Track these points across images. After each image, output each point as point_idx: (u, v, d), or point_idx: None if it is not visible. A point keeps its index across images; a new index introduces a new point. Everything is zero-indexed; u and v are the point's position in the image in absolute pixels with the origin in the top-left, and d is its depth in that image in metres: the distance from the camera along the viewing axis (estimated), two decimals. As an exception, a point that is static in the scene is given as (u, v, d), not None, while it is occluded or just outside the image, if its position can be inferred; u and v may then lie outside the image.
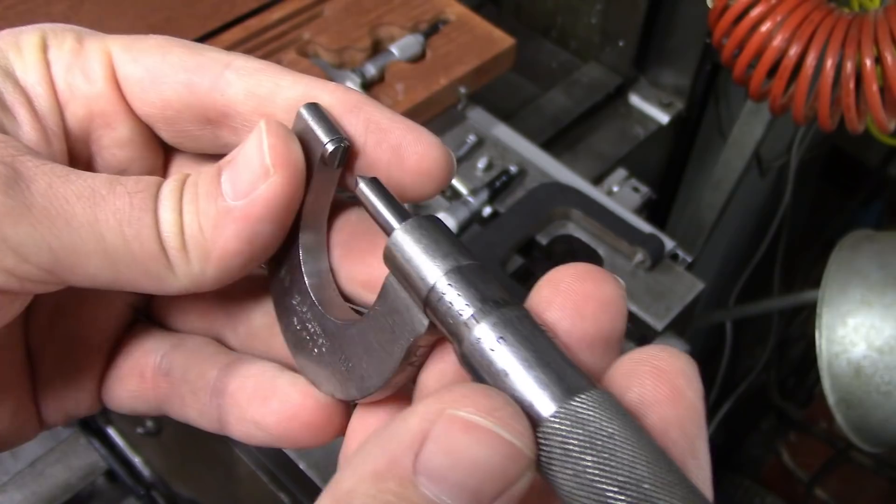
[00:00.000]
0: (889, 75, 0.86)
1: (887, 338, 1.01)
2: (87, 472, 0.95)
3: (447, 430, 0.25)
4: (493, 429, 0.25)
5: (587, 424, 0.25)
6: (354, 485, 0.26)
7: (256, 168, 0.31)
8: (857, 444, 1.11)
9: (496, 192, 0.96)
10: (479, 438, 0.25)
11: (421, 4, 1.09)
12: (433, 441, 0.25)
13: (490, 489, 0.25)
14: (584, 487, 0.25)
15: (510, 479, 0.25)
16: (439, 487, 0.25)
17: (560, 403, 0.26)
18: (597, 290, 0.28)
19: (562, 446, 0.25)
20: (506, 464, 0.25)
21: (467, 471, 0.25)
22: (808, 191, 1.73)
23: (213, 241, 0.32)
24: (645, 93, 1.29)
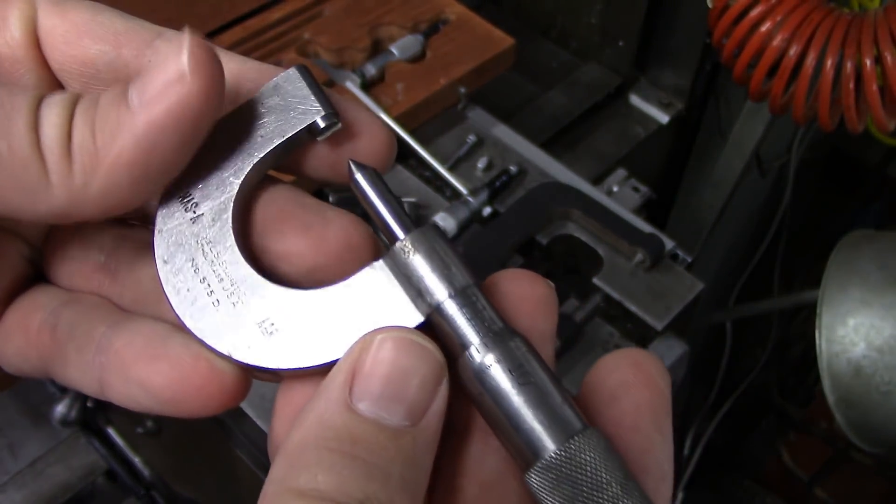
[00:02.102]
0: (889, 75, 0.86)
1: (887, 338, 1.01)
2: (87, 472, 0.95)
3: (372, 354, 0.28)
4: (410, 338, 0.28)
5: (579, 461, 0.28)
6: (302, 436, 0.27)
7: (170, 72, 0.29)
8: (857, 444, 1.11)
9: (496, 192, 0.96)
10: (400, 348, 0.28)
11: (421, 4, 1.09)
12: (362, 366, 0.28)
13: (420, 397, 0.28)
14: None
15: (434, 385, 0.28)
16: (377, 405, 0.27)
17: (559, 445, 0.29)
18: (530, 292, 0.31)
19: (556, 478, 0.28)
20: (427, 368, 0.28)
21: (396, 381, 0.27)
22: (808, 191, 1.73)
23: (105, 147, 0.29)
24: (645, 93, 1.29)
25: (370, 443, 0.27)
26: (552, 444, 0.29)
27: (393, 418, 0.27)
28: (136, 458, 1.17)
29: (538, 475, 0.29)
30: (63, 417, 1.05)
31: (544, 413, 0.29)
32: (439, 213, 0.93)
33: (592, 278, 0.89)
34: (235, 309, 0.32)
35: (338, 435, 0.27)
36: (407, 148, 0.99)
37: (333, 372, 0.29)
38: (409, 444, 0.27)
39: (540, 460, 0.29)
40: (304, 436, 0.27)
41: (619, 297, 0.88)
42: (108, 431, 1.17)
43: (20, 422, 1.07)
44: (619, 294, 0.88)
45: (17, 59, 0.33)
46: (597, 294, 0.86)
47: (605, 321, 0.88)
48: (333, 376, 0.28)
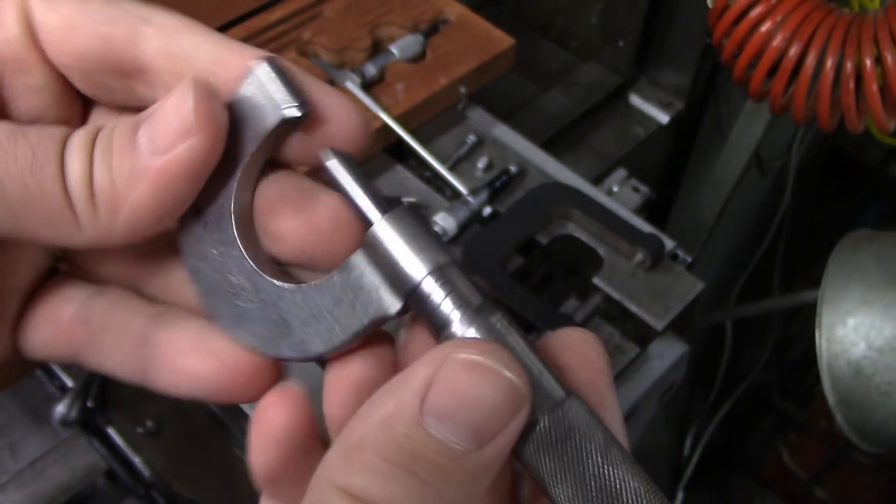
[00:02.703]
0: (889, 75, 0.86)
1: (887, 338, 1.01)
2: (87, 472, 0.95)
3: (451, 372, 0.27)
4: (493, 366, 0.27)
5: (569, 425, 0.29)
6: (365, 431, 0.27)
7: (177, 125, 0.31)
8: (857, 444, 1.11)
9: (496, 192, 0.96)
10: (481, 376, 0.27)
11: (421, 4, 1.09)
12: (438, 383, 0.27)
13: (491, 426, 0.27)
14: (564, 473, 0.29)
15: (509, 416, 0.27)
16: (445, 426, 0.27)
17: (548, 411, 0.29)
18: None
19: (547, 441, 0.29)
20: (505, 400, 0.27)
21: (470, 408, 0.27)
22: (808, 191, 1.73)
23: (124, 195, 0.31)
24: (645, 93, 1.29)
25: (431, 462, 0.27)
26: (538, 413, 0.29)
27: (459, 441, 0.27)
28: (136, 458, 1.17)
29: (532, 446, 0.29)
30: (63, 417, 1.05)
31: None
32: (439, 213, 0.93)
33: (592, 278, 0.89)
34: (252, 307, 0.33)
35: (400, 446, 0.27)
36: (407, 148, 0.99)
37: (409, 375, 0.28)
38: (469, 468, 0.27)
39: (531, 432, 0.29)
40: (366, 434, 0.27)
41: (619, 297, 0.88)
42: (108, 431, 1.17)
43: (20, 422, 1.07)
44: (619, 294, 0.88)
45: (21, 59, 0.33)
46: (597, 294, 0.86)
47: (605, 321, 0.88)
48: (408, 380, 0.28)
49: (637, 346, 0.87)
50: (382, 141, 0.99)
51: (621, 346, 0.86)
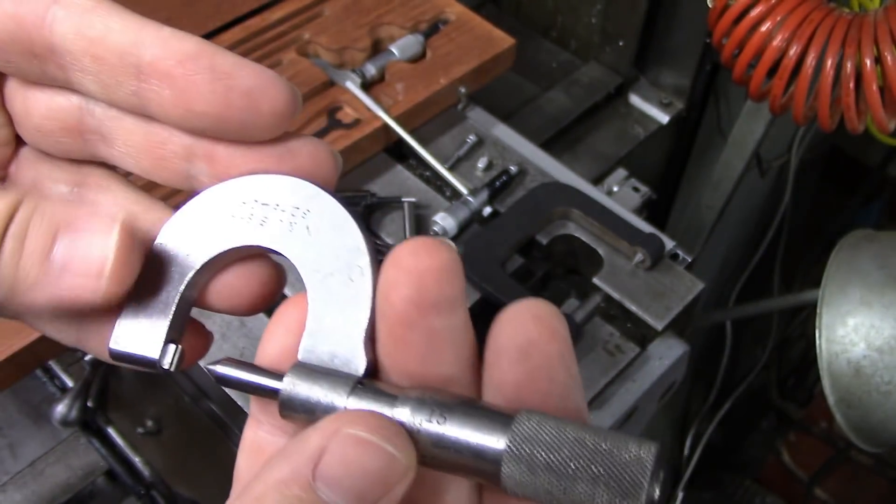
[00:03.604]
0: (889, 75, 0.86)
1: (887, 338, 1.01)
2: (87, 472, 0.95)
3: (342, 445, 0.30)
4: (378, 443, 0.30)
5: (534, 437, 0.31)
6: (263, 492, 0.30)
7: (90, 265, 0.32)
8: (857, 444, 1.11)
9: (496, 192, 0.96)
10: (368, 450, 0.30)
11: (421, 4, 1.09)
12: (330, 453, 0.30)
13: (375, 492, 0.30)
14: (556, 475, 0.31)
15: (391, 484, 0.30)
16: (334, 491, 0.30)
17: (508, 436, 0.31)
18: (433, 261, 0.31)
19: (527, 464, 0.31)
20: (388, 471, 0.30)
21: (357, 477, 0.30)
22: (808, 191, 1.73)
23: (23, 291, 0.32)
24: (645, 93, 1.29)
25: None
26: (501, 439, 0.31)
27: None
28: (136, 458, 1.17)
29: (509, 473, 0.31)
30: (63, 417, 1.05)
31: (477, 426, 0.31)
32: (439, 213, 0.93)
33: (592, 278, 0.89)
34: None
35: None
36: (407, 148, 0.99)
37: (304, 442, 0.31)
38: None
39: (502, 461, 0.31)
40: (264, 493, 0.30)
41: (619, 297, 0.88)
42: (108, 431, 1.17)
43: (20, 422, 1.07)
44: (619, 294, 0.88)
45: None
46: (597, 294, 0.86)
47: (605, 321, 0.88)
48: (303, 447, 0.31)
49: (637, 346, 0.87)
50: (382, 141, 0.99)
51: (621, 346, 0.86)
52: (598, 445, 0.31)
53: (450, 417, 0.32)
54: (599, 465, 0.30)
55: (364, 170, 0.99)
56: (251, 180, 0.35)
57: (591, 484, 0.30)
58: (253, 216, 0.35)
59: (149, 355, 0.35)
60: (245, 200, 0.35)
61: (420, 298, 0.31)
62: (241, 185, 0.35)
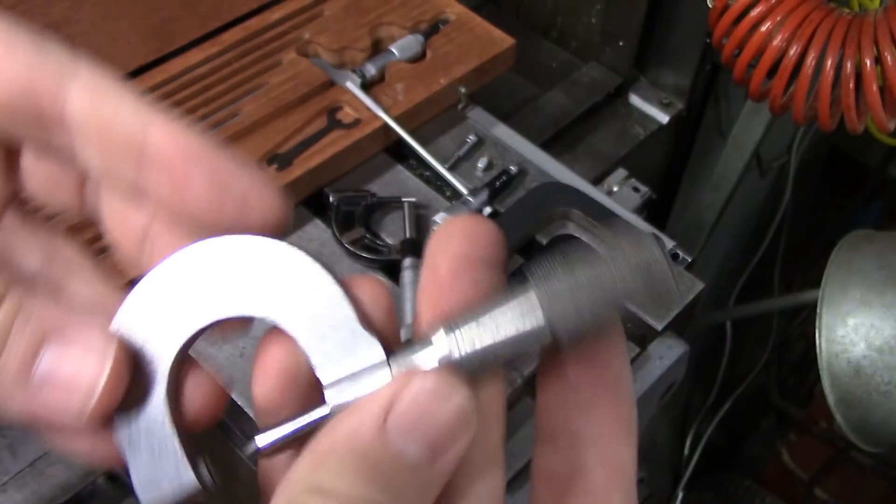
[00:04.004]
0: (889, 75, 0.86)
1: (887, 338, 1.01)
2: (87, 472, 0.95)
3: (414, 393, 0.31)
4: (449, 390, 0.31)
5: (548, 271, 0.32)
6: (332, 444, 0.30)
7: (79, 388, 0.31)
8: (857, 444, 1.11)
9: (496, 192, 0.96)
10: (438, 398, 0.31)
11: (421, 4, 1.09)
12: (402, 400, 0.31)
13: (444, 442, 0.31)
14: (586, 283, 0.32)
15: (459, 434, 0.31)
16: (404, 439, 0.30)
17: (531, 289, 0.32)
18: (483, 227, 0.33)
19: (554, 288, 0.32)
20: (457, 420, 0.31)
21: (428, 424, 0.30)
22: (808, 191, 1.73)
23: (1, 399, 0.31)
24: (645, 93, 1.29)
25: (390, 471, 0.30)
26: (529, 293, 0.32)
27: (415, 454, 0.30)
28: (136, 458, 1.17)
29: (550, 312, 0.32)
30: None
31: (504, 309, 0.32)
32: (439, 213, 0.93)
33: (592, 278, 0.89)
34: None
35: (365, 455, 0.30)
36: (407, 148, 0.99)
37: (375, 394, 0.32)
38: (423, 476, 0.31)
39: (539, 307, 0.32)
40: (333, 443, 0.30)
41: (619, 297, 0.88)
42: (108, 431, 1.17)
43: (20, 422, 1.07)
44: (619, 294, 0.88)
45: None
46: (597, 294, 0.86)
47: (605, 321, 0.88)
48: (374, 398, 0.31)
49: (637, 346, 0.87)
50: (382, 141, 0.99)
51: (621, 346, 0.86)
52: (602, 241, 0.33)
53: (479, 320, 0.32)
54: (609, 252, 0.32)
55: (364, 170, 0.99)
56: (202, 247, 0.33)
57: (611, 261, 0.32)
58: (218, 285, 0.33)
59: (185, 492, 0.33)
60: (203, 270, 0.33)
61: (471, 252, 0.33)
62: (194, 254, 0.33)
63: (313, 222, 0.95)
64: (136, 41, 0.99)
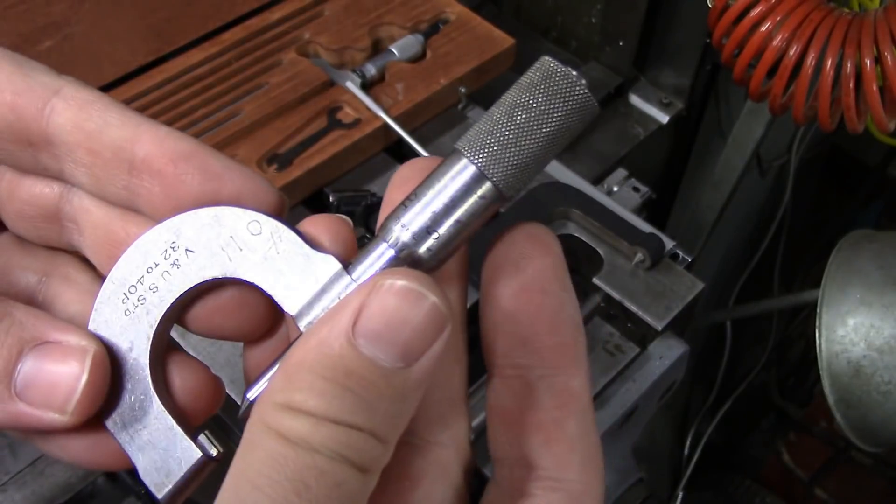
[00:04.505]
0: (889, 75, 0.86)
1: (887, 338, 1.01)
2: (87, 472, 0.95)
3: (380, 296, 0.29)
4: (418, 290, 0.30)
5: (479, 133, 0.33)
6: (303, 356, 0.30)
7: (56, 395, 0.31)
8: (857, 444, 1.11)
9: (496, 192, 0.96)
10: (407, 299, 0.29)
11: (421, 4, 1.09)
12: (369, 306, 0.29)
13: (417, 346, 0.29)
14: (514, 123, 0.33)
15: (433, 336, 0.30)
16: (375, 346, 0.29)
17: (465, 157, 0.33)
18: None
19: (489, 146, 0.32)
20: (429, 321, 0.29)
21: (398, 328, 0.29)
22: (808, 191, 1.73)
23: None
24: (645, 93, 1.29)
25: (363, 378, 0.29)
26: (468, 165, 0.32)
27: (387, 359, 0.29)
28: (136, 458, 1.17)
29: (487, 169, 0.32)
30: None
31: (445, 184, 0.33)
32: (439, 213, 0.93)
33: (592, 278, 0.89)
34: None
35: (334, 364, 0.29)
36: (407, 148, 0.99)
37: (342, 303, 0.31)
38: (398, 384, 0.29)
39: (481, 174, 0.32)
40: (303, 357, 0.30)
41: (619, 296, 0.88)
42: (108, 431, 1.17)
43: (20, 422, 1.07)
44: (619, 294, 0.88)
45: None
46: (597, 294, 0.86)
47: (605, 321, 0.88)
48: (341, 307, 0.30)
49: (637, 346, 0.87)
50: (382, 141, 0.99)
51: (621, 346, 0.86)
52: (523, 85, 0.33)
53: (420, 198, 0.32)
54: (534, 88, 0.33)
55: (364, 170, 0.99)
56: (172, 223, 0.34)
57: (518, 90, 0.33)
58: (174, 264, 0.34)
59: (191, 465, 0.34)
60: (158, 253, 0.34)
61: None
62: (165, 230, 0.34)
63: (313, 222, 0.95)
64: (136, 41, 0.99)
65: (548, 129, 0.32)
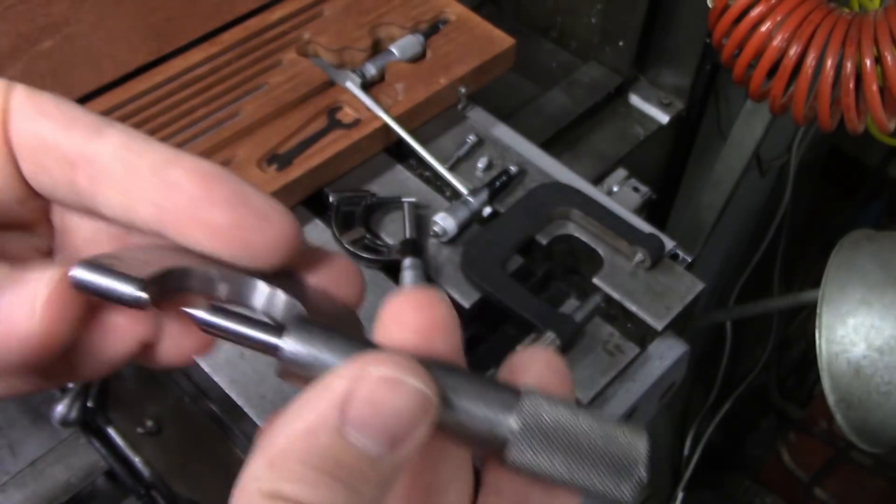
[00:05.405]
0: (889, 75, 0.86)
1: (887, 338, 1.01)
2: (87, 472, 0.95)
3: (370, 386, 0.30)
4: (406, 380, 0.30)
5: (538, 419, 0.32)
6: (288, 443, 0.30)
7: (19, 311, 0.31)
8: (857, 444, 1.11)
9: (496, 192, 0.96)
10: (396, 389, 0.30)
11: (421, 4, 1.09)
12: (357, 396, 0.30)
13: (404, 431, 0.30)
14: (552, 454, 0.32)
15: (419, 420, 0.30)
16: (364, 435, 0.30)
17: (514, 414, 0.32)
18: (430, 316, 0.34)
19: (531, 444, 0.32)
20: (417, 407, 0.30)
21: (387, 417, 0.30)
22: (808, 191, 1.73)
23: None
24: (645, 93, 1.29)
25: (352, 468, 0.30)
26: (508, 417, 0.32)
27: (375, 447, 0.30)
28: (136, 458, 1.17)
29: (515, 452, 0.32)
30: (63, 417, 1.05)
31: (486, 400, 0.32)
32: (439, 213, 0.93)
33: (592, 278, 0.89)
34: None
35: (323, 455, 0.29)
36: (407, 148, 0.99)
37: (326, 389, 0.31)
38: (384, 468, 0.30)
39: (508, 440, 0.32)
40: (289, 445, 0.30)
41: (619, 297, 0.88)
42: (108, 431, 1.17)
43: (20, 422, 1.07)
44: (619, 294, 0.88)
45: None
46: (597, 294, 0.86)
47: (605, 321, 0.88)
48: (326, 394, 0.30)
49: (637, 346, 0.87)
50: (382, 141, 0.99)
51: (621, 346, 0.86)
52: (595, 429, 0.32)
53: (457, 385, 0.32)
54: (598, 447, 0.32)
55: (364, 170, 0.99)
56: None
57: (591, 464, 0.32)
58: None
59: (117, 287, 0.31)
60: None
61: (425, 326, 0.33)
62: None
63: (313, 222, 0.95)
64: (136, 41, 0.99)
65: (579, 481, 0.32)
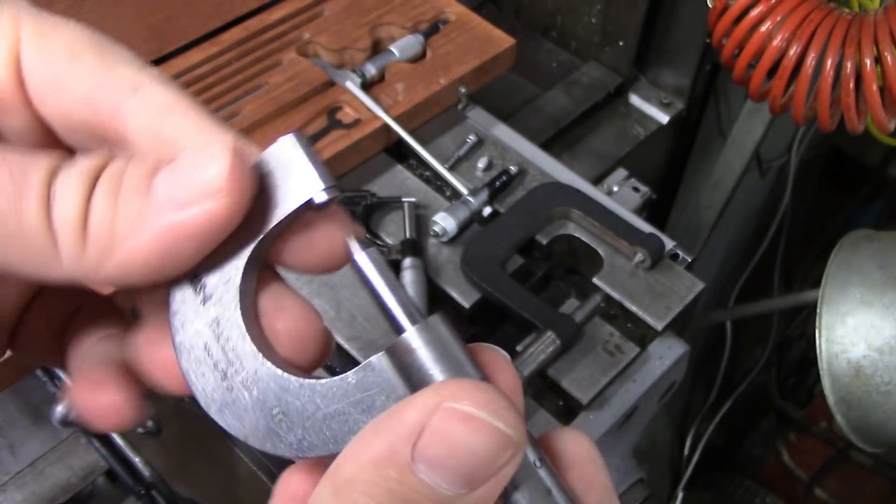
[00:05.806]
0: (889, 75, 0.86)
1: (887, 338, 1.01)
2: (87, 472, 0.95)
3: (445, 422, 0.27)
4: (487, 419, 0.27)
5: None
6: (355, 472, 0.27)
7: (205, 182, 0.28)
8: (857, 444, 1.11)
9: (496, 192, 0.96)
10: (475, 428, 0.27)
11: (421, 4, 1.09)
12: (431, 431, 0.27)
13: (483, 473, 0.27)
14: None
15: (501, 464, 0.27)
16: (436, 473, 0.27)
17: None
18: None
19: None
20: (498, 450, 0.27)
21: (463, 458, 0.27)
22: (808, 191, 1.73)
23: (123, 240, 0.29)
24: (645, 93, 1.29)
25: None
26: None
27: (450, 488, 0.27)
28: (136, 458, 1.17)
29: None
30: (63, 417, 1.05)
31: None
32: (439, 213, 0.93)
33: (592, 278, 0.89)
34: (245, 394, 0.31)
35: (390, 490, 0.27)
36: (407, 148, 0.99)
37: (399, 418, 0.28)
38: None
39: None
40: (356, 474, 0.27)
41: (619, 297, 0.88)
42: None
43: (20, 422, 1.07)
44: (619, 294, 0.88)
45: (5, 101, 0.31)
46: (597, 294, 0.86)
47: (605, 321, 0.88)
48: (398, 423, 0.28)
49: (637, 346, 0.87)
50: (382, 141, 0.99)
51: (621, 346, 0.86)
52: None
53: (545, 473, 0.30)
54: None
55: (364, 170, 0.99)
56: None
57: None
58: None
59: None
60: None
61: None
62: None
63: (313, 222, 0.95)
64: (136, 41, 0.99)
65: None
